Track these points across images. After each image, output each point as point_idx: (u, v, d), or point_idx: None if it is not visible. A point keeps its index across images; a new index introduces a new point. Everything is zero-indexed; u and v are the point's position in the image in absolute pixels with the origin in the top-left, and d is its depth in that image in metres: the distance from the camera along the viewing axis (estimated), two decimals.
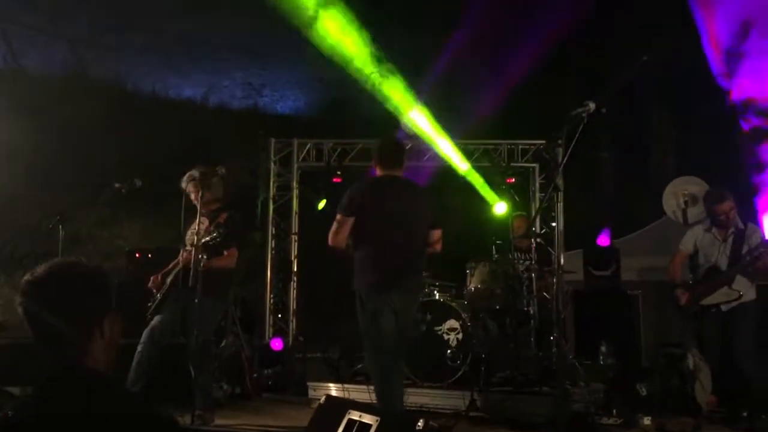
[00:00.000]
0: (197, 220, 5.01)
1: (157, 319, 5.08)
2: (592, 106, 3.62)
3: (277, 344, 7.47)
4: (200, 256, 4.77)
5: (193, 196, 5.13)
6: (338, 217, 4.61)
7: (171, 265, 5.32)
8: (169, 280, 5.13)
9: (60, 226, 5.18)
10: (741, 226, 5.37)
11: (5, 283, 8.90)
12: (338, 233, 4.58)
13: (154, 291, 5.18)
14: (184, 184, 5.20)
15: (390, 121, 9.14)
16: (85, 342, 1.76)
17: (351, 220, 4.59)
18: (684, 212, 7.19)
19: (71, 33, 11.10)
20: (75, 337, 1.74)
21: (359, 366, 6.84)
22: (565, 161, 3.75)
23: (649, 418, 5.24)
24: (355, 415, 2.96)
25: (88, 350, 1.76)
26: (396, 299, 4.44)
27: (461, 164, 8.35)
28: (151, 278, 5.23)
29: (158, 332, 5.03)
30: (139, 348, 5.00)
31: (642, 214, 8.99)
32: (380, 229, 4.54)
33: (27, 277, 1.78)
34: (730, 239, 5.32)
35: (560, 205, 3.77)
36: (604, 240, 9.23)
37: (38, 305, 1.74)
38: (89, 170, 9.74)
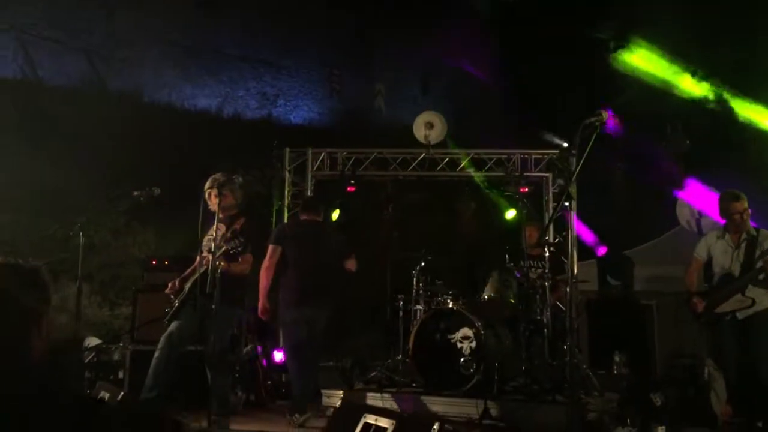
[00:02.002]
0: (215, 226, 5.06)
1: (174, 325, 5.12)
2: (605, 115, 3.65)
3: (279, 355, 7.49)
4: (218, 262, 4.82)
5: (212, 201, 5.18)
6: (270, 247, 5.97)
7: (188, 271, 5.38)
8: (187, 286, 5.17)
9: (81, 234, 5.23)
10: (754, 232, 5.35)
11: None
12: (270, 259, 5.93)
13: (172, 297, 5.23)
14: (207, 186, 5.24)
15: (403, 131, 9.21)
16: (23, 341, 1.78)
17: (279, 249, 6.00)
18: (698, 222, 7.17)
19: (88, 44, 11.25)
20: (12, 336, 1.77)
21: (372, 374, 6.86)
22: (578, 170, 3.78)
23: (664, 428, 5.22)
24: (371, 419, 2.98)
25: (26, 349, 1.78)
26: (308, 312, 5.87)
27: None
28: (169, 284, 5.28)
29: (176, 338, 5.07)
30: (156, 354, 5.04)
31: (656, 224, 8.96)
32: (297, 259, 6.03)
33: None
34: (743, 245, 5.31)
35: (573, 215, 3.79)
36: (601, 250, 9.15)
37: None
38: (104, 179, 9.85)
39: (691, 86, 9.33)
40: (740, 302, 5.21)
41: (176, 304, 5.15)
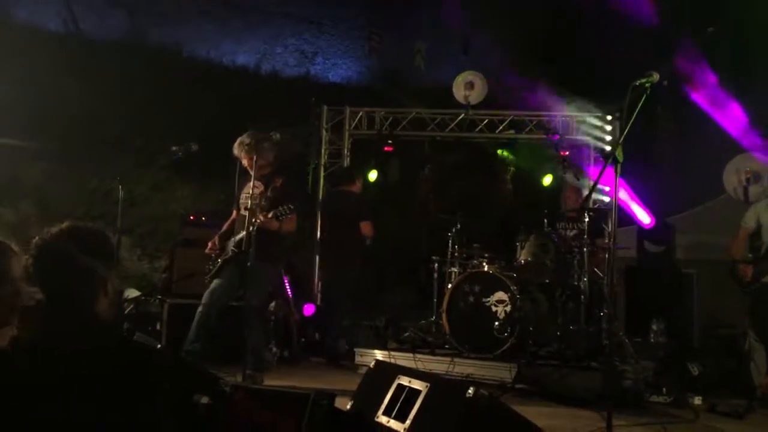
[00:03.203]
0: (251, 183, 5.07)
1: (216, 282, 5.19)
2: (656, 76, 3.52)
3: (308, 310, 7.58)
4: (253, 220, 4.83)
5: (245, 162, 5.17)
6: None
7: (225, 227, 5.41)
8: (229, 245, 5.20)
9: (120, 188, 5.28)
10: None
11: None
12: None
13: (213, 255, 5.27)
14: (236, 151, 5.24)
15: (442, 91, 9.07)
16: (91, 301, 1.85)
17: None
18: (745, 190, 6.96)
19: None
20: (83, 296, 1.84)
21: (405, 335, 6.89)
22: (626, 133, 3.65)
23: (700, 398, 5.15)
24: (404, 381, 2.95)
25: (94, 308, 1.86)
26: (330, 276, 7.30)
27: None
28: (209, 243, 5.31)
29: (218, 294, 5.15)
30: (199, 308, 5.14)
31: (700, 191, 8.71)
32: (326, 224, 7.53)
33: (42, 236, 1.87)
34: None
35: (617, 179, 3.69)
36: (651, 221, 8.85)
37: (53, 264, 1.83)
38: (144, 134, 9.94)
39: None
40: None
41: (219, 263, 5.20)
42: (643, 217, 7.97)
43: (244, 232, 4.98)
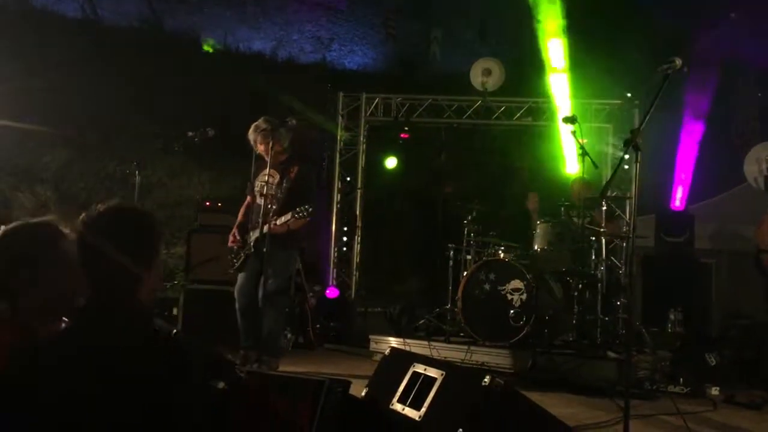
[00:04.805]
0: (267, 171, 5.05)
1: (241, 276, 5.21)
2: (678, 62, 3.45)
3: (332, 293, 7.60)
4: (271, 213, 4.84)
5: (260, 148, 5.14)
6: None
7: (240, 216, 5.40)
8: (250, 240, 5.19)
9: (137, 173, 5.30)
10: None
11: None
12: None
13: (235, 248, 5.26)
14: (251, 136, 5.20)
15: (459, 78, 9.00)
16: (134, 283, 1.80)
17: None
18: (766, 179, 6.86)
19: None
20: (126, 276, 1.78)
21: (420, 322, 6.87)
22: (647, 119, 3.59)
23: (718, 388, 5.10)
24: (419, 368, 2.94)
25: (135, 291, 1.81)
26: None
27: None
28: (231, 237, 5.30)
29: (246, 288, 5.18)
30: (237, 306, 5.21)
31: (721, 179, 8.60)
32: None
33: (88, 213, 1.83)
34: None
35: (638, 166, 3.62)
36: (680, 206, 8.76)
37: (98, 241, 1.77)
38: (160, 120, 9.96)
39: None
40: None
41: (242, 257, 5.20)
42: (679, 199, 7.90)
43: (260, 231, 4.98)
